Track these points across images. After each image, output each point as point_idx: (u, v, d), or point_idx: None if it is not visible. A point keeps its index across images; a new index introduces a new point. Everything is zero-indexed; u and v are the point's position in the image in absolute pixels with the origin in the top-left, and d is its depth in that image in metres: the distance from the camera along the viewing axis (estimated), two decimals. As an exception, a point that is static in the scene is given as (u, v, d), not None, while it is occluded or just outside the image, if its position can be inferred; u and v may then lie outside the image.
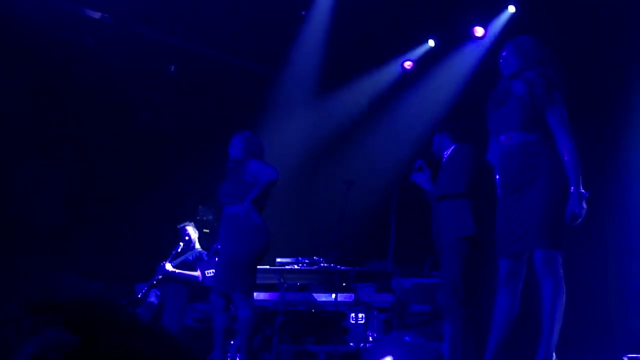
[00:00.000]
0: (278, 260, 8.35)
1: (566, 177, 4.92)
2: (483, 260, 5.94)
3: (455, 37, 10.52)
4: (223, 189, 6.98)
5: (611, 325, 8.60)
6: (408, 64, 11.19)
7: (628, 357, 7.35)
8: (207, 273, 8.81)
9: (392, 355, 3.92)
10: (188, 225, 9.30)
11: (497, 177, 5.22)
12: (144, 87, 10.68)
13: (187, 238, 9.21)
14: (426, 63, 11.00)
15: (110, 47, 10.02)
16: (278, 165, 7.02)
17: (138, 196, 9.95)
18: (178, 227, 9.30)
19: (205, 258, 9.04)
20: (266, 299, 8.13)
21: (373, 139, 11.16)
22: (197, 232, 9.32)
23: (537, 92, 5.01)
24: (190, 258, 9.12)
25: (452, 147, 6.53)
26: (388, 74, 11.31)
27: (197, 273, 9.07)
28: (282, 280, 8.12)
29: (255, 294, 7.95)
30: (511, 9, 9.84)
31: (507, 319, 5.05)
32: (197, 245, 9.27)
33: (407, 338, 4.30)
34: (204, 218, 7.55)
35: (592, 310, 8.68)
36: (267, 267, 8.17)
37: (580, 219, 4.87)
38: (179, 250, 9.14)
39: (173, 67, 7.87)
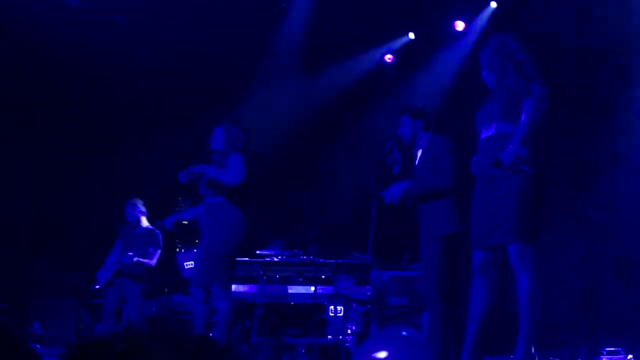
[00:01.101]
0: (257, 252, 8.35)
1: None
2: (464, 254, 5.96)
3: (435, 31, 10.55)
4: (203, 181, 6.97)
5: (590, 318, 8.66)
6: (388, 58, 11.21)
7: (606, 351, 7.42)
8: (186, 265, 8.77)
9: (388, 350, 3.93)
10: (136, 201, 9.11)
11: (473, 168, 5.24)
12: (122, 75, 10.64)
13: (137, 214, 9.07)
14: (407, 56, 11.03)
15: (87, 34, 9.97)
16: (256, 157, 7.00)
17: (117, 187, 9.92)
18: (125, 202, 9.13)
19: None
20: (245, 291, 8.13)
21: (353, 133, 11.17)
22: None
23: (515, 89, 5.04)
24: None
25: (427, 137, 6.44)
26: (368, 66, 11.32)
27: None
28: (261, 273, 8.12)
29: (234, 286, 7.96)
30: (493, 4, 9.89)
31: (483, 311, 5.07)
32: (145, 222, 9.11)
33: (404, 333, 4.31)
34: (184, 209, 7.52)
35: (571, 303, 8.75)
36: (247, 259, 8.17)
37: (501, 167, 4.87)
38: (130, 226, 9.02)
39: None
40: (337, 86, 11.20)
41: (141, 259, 8.59)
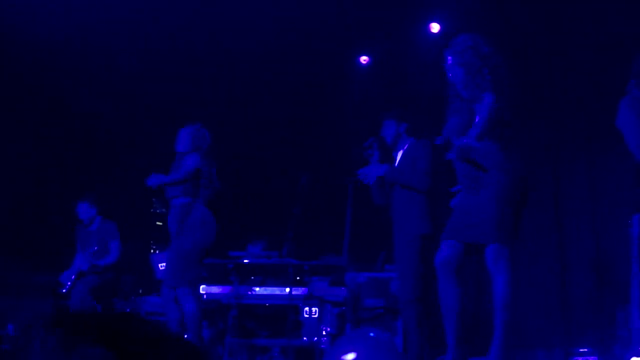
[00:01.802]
0: (231, 253, 8.33)
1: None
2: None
3: (410, 33, 10.56)
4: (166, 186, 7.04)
5: (564, 319, 8.71)
6: (364, 59, 11.21)
7: (580, 351, 7.47)
8: (160, 266, 8.74)
9: (356, 352, 3.93)
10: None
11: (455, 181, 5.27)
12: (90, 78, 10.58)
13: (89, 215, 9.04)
14: (382, 57, 11.03)
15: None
16: (230, 156, 7.02)
17: (91, 188, 9.85)
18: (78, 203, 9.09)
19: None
20: (220, 292, 8.11)
21: (329, 132, 11.16)
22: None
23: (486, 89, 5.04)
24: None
25: (410, 142, 6.49)
26: (344, 67, 11.32)
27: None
28: (235, 274, 8.10)
29: (208, 287, 7.95)
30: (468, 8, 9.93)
31: (457, 306, 5.08)
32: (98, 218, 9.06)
33: (371, 334, 4.31)
34: (157, 211, 7.48)
35: (545, 304, 8.79)
36: (221, 260, 8.15)
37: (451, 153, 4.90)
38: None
39: None
40: (311, 83, 11.19)
41: (100, 262, 8.60)
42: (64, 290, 8.67)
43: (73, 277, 8.66)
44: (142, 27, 10.10)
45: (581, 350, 7.54)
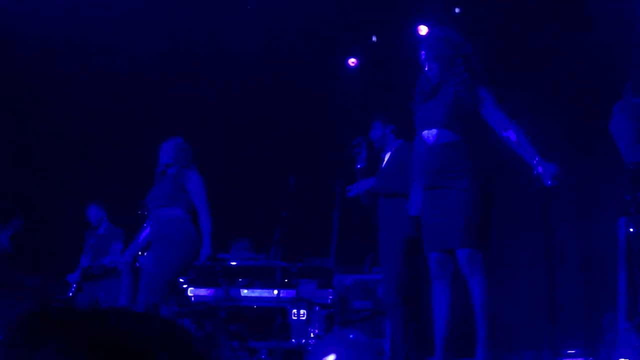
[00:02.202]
0: (220, 255, 8.32)
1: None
2: (423, 258, 5.98)
3: (399, 35, 10.57)
4: (154, 193, 7.04)
5: (552, 321, 8.72)
6: (352, 62, 11.22)
7: (567, 353, 7.48)
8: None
9: (336, 353, 3.94)
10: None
11: (420, 173, 5.27)
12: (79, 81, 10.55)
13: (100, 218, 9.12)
14: (370, 59, 11.04)
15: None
16: (218, 157, 7.03)
17: (82, 189, 9.84)
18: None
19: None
20: (208, 294, 8.09)
21: (317, 134, 11.16)
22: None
23: (462, 94, 5.06)
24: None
25: (398, 144, 6.50)
26: (331, 69, 11.33)
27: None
28: (223, 276, 8.08)
29: (196, 289, 7.94)
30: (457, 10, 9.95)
31: (448, 313, 5.10)
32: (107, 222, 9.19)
33: (350, 336, 4.32)
34: (146, 213, 7.46)
35: (533, 306, 8.80)
36: (209, 262, 8.13)
37: (559, 178, 4.89)
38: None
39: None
40: (298, 85, 11.20)
41: (107, 264, 8.62)
42: (70, 293, 8.71)
43: (78, 279, 8.69)
44: (124, 32, 10.12)
45: (569, 351, 7.55)
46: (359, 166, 6.62)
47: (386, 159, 6.54)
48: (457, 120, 5.04)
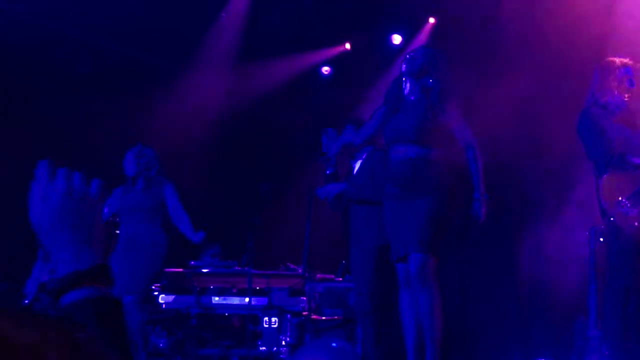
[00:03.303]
0: (191, 263, 8.29)
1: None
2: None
3: (372, 43, 10.62)
4: (124, 204, 7.09)
5: (522, 329, 8.77)
6: (326, 70, 11.24)
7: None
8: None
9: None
10: None
11: (387, 183, 5.32)
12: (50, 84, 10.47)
13: None
14: (343, 66, 11.07)
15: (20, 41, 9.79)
16: (190, 164, 7.02)
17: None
18: None
19: None
20: (179, 301, 8.05)
21: (289, 140, 11.16)
22: None
23: (433, 112, 5.13)
24: None
25: (369, 151, 6.49)
26: (305, 75, 11.34)
27: None
28: (195, 284, 8.06)
29: (167, 296, 7.91)
30: (431, 20, 10.02)
31: (418, 322, 5.12)
32: None
33: (333, 344, 4.31)
34: (117, 220, 7.42)
35: (502, 313, 8.84)
36: (181, 270, 8.11)
37: (481, 220, 5.06)
38: None
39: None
40: (272, 92, 11.21)
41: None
42: (26, 302, 8.54)
43: (35, 288, 8.52)
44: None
45: (539, 359, 7.60)
46: (328, 172, 6.62)
47: (357, 166, 6.53)
48: (426, 135, 5.13)
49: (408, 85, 5.35)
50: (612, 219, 5.20)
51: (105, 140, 9.88)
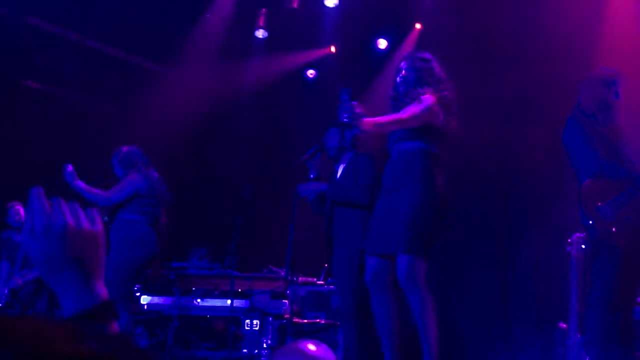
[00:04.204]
0: (174, 264, 8.27)
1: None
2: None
3: (358, 47, 10.63)
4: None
5: (504, 334, 8.79)
6: (311, 73, 11.24)
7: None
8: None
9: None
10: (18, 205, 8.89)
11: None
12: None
13: (17, 219, 8.90)
14: (327, 69, 11.08)
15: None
16: (175, 166, 7.00)
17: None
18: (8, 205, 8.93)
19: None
20: (161, 303, 8.03)
21: (273, 142, 11.16)
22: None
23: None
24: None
25: (352, 154, 6.49)
26: (290, 78, 11.34)
27: None
28: (177, 285, 8.04)
29: (149, 298, 7.89)
30: (417, 26, 10.05)
31: (393, 323, 5.12)
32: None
33: (311, 346, 4.32)
34: (104, 219, 7.39)
35: (485, 318, 8.86)
36: (163, 271, 8.08)
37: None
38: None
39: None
40: (256, 94, 11.22)
41: (28, 277, 8.42)
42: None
43: (6, 291, 8.46)
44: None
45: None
46: (312, 175, 6.62)
47: (340, 170, 6.52)
48: (416, 132, 5.15)
49: (400, 88, 5.41)
50: (590, 222, 5.22)
51: (90, 140, 9.86)
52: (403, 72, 5.43)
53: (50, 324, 0.98)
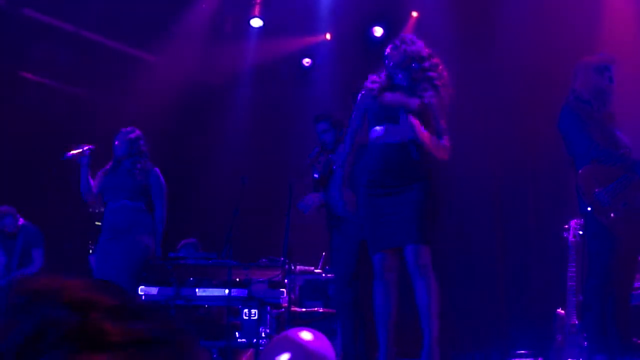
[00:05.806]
0: (171, 254, 8.26)
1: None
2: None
3: (353, 35, 10.60)
4: (115, 184, 7.01)
5: (502, 321, 8.80)
6: (307, 61, 11.21)
7: (517, 353, 7.55)
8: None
9: (290, 352, 3.91)
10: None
11: (369, 173, 5.26)
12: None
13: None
14: (323, 57, 11.05)
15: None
16: (171, 156, 7.00)
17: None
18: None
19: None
20: (158, 293, 8.02)
21: (269, 132, 11.15)
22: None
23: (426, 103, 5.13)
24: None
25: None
26: (286, 67, 11.32)
27: None
28: (174, 276, 8.02)
29: (147, 288, 7.87)
30: (414, 14, 10.02)
31: (391, 313, 5.13)
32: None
33: (306, 334, 4.31)
34: (97, 211, 7.37)
35: (483, 306, 8.87)
36: (160, 262, 8.06)
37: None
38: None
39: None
40: (253, 84, 11.20)
41: (24, 271, 8.37)
42: None
43: None
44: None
45: (518, 352, 7.63)
46: (316, 176, 6.63)
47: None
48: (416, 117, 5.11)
49: (398, 76, 5.34)
50: (588, 209, 5.24)
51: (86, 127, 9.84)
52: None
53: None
